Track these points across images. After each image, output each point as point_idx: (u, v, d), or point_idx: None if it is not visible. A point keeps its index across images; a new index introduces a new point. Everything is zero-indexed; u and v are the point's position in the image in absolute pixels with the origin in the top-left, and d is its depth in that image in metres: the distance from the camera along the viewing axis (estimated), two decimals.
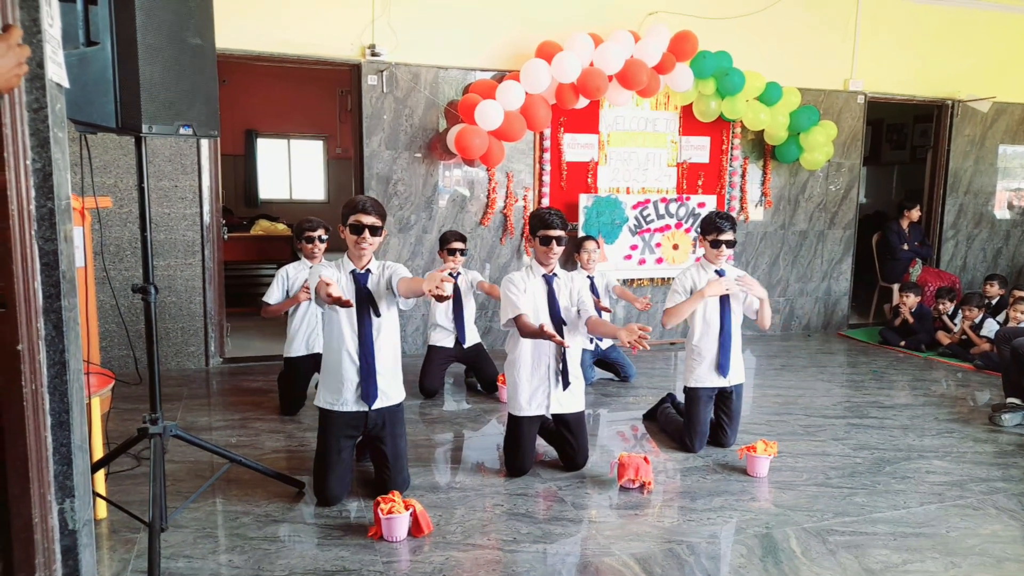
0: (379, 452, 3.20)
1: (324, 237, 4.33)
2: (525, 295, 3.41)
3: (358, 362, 3.06)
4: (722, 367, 3.78)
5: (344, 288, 3.05)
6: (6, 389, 1.71)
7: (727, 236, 3.74)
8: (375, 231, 3.03)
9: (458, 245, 4.69)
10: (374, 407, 3.09)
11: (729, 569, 2.68)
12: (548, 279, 3.47)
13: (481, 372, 4.84)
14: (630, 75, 5.46)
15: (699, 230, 3.87)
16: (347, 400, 3.09)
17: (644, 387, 5.07)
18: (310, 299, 4.18)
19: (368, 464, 3.43)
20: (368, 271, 3.10)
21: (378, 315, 3.07)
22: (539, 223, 3.46)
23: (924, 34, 6.91)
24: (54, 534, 1.82)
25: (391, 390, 3.15)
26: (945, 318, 6.31)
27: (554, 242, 3.41)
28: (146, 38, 2.42)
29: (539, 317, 3.42)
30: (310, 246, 4.29)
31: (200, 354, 5.39)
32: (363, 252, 3.06)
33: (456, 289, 4.69)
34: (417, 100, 5.57)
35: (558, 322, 3.43)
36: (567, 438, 3.53)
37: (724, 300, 3.78)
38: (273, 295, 4.28)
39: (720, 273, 3.80)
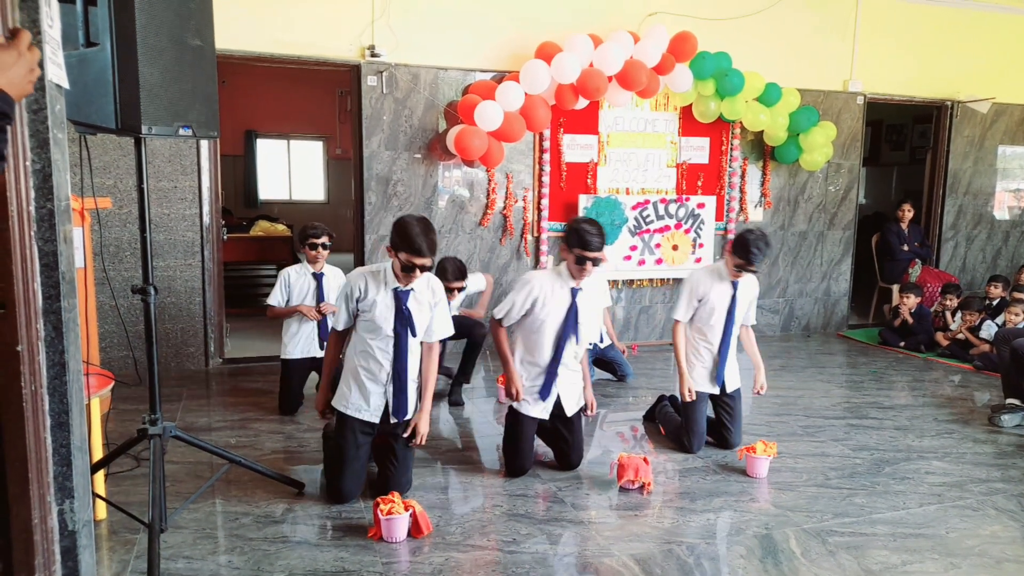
0: (389, 449, 3.21)
1: (328, 244, 4.36)
2: (541, 305, 3.38)
3: (391, 382, 3.10)
4: (717, 376, 3.82)
5: (380, 303, 3.06)
6: (6, 390, 1.71)
7: (755, 268, 3.68)
8: (425, 269, 3.03)
9: (457, 284, 4.37)
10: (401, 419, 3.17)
11: (729, 570, 2.68)
12: (574, 292, 3.42)
13: (467, 337, 4.62)
14: (630, 76, 5.46)
15: (731, 246, 3.71)
16: (374, 413, 3.13)
17: (643, 387, 5.07)
18: (320, 318, 4.30)
19: (370, 462, 3.42)
20: (411, 289, 3.09)
21: (415, 335, 3.11)
22: (580, 243, 3.28)
23: (923, 35, 6.91)
24: (53, 535, 1.82)
25: (412, 402, 3.21)
26: (948, 315, 6.31)
27: (590, 263, 3.31)
28: (146, 39, 2.42)
29: (554, 326, 3.41)
30: (313, 252, 4.33)
31: (200, 355, 5.38)
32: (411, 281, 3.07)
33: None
34: (417, 101, 5.57)
35: (569, 336, 3.41)
36: (563, 435, 3.52)
37: (731, 309, 3.77)
38: (275, 297, 4.34)
39: (734, 285, 3.78)
